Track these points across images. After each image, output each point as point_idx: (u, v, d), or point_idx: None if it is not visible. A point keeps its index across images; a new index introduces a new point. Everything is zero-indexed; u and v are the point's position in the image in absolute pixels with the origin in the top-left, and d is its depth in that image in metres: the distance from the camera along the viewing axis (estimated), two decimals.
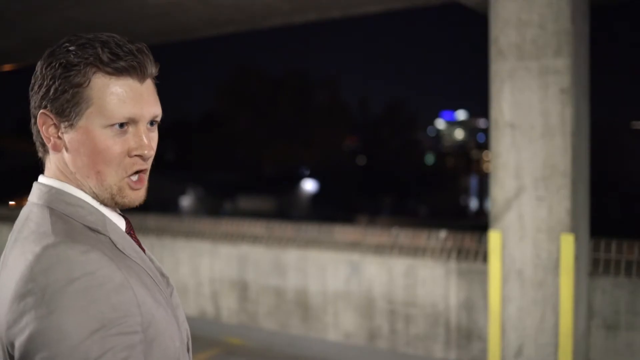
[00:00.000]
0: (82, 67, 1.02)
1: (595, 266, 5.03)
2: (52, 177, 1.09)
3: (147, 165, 1.10)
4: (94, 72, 1.02)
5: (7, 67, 10.84)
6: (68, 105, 1.03)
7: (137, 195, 1.10)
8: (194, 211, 33.69)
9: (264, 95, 50.87)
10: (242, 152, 48.27)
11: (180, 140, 46.49)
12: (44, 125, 1.06)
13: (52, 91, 1.03)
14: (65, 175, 1.08)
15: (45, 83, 1.04)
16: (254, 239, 6.97)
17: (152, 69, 1.08)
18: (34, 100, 1.06)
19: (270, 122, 50.16)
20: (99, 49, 1.02)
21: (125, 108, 1.03)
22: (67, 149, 1.06)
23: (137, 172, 1.08)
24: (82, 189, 1.07)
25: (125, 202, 1.08)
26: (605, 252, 5.07)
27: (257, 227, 7.15)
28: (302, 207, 40.49)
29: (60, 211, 1.04)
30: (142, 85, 1.06)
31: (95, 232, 1.03)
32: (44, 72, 1.04)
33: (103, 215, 1.07)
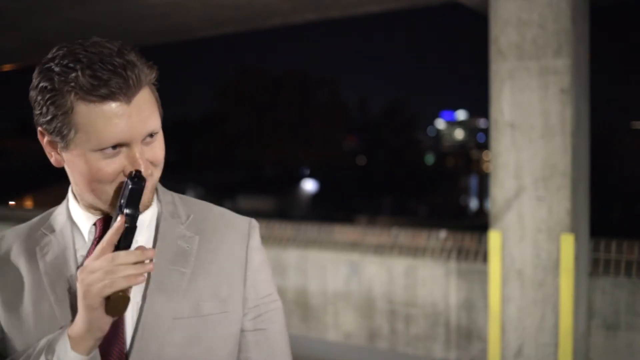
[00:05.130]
0: (64, 94, 0.98)
1: (595, 266, 5.03)
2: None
3: (148, 177, 1.06)
4: (77, 99, 0.98)
5: (7, 67, 10.84)
6: (59, 129, 1.01)
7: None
8: None
9: (264, 95, 50.90)
10: (242, 152, 48.30)
11: (180, 140, 46.51)
12: (43, 141, 1.07)
13: (43, 113, 1.02)
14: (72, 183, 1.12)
15: (37, 103, 1.02)
16: None
17: (145, 79, 1.02)
18: (34, 113, 1.05)
19: (270, 122, 50.19)
20: (79, 73, 0.96)
21: (111, 134, 0.99)
22: (66, 165, 1.08)
23: None
24: (78, 200, 1.12)
25: None
26: (605, 252, 5.07)
27: None
28: (302, 207, 40.48)
29: (49, 211, 1.18)
30: (130, 106, 1.00)
31: (42, 232, 1.16)
32: (35, 89, 1.02)
33: (66, 224, 1.14)
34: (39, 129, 1.05)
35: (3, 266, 1.14)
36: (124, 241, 1.00)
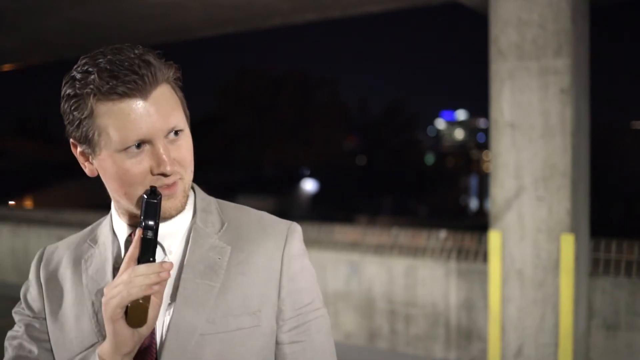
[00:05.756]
0: (84, 98, 1.00)
1: (595, 266, 5.03)
2: None
3: (175, 178, 1.05)
4: (96, 101, 1.00)
5: (7, 67, 10.84)
6: (85, 135, 1.03)
7: (172, 204, 1.07)
8: None
9: (264, 95, 50.90)
10: (242, 152, 48.29)
11: None
12: (76, 153, 1.08)
13: (70, 121, 1.04)
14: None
15: (65, 113, 1.04)
16: None
17: (162, 77, 1.03)
18: (65, 125, 1.06)
19: (270, 122, 50.19)
20: (96, 75, 0.99)
21: (131, 131, 1.00)
22: (100, 174, 1.08)
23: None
24: (118, 210, 1.13)
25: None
26: (605, 252, 5.07)
27: None
28: (302, 207, 40.47)
29: (98, 222, 1.21)
30: (148, 102, 1.01)
31: (88, 244, 1.17)
32: (63, 100, 1.04)
33: (108, 235, 1.15)
34: (71, 140, 1.07)
35: (52, 278, 1.16)
36: (145, 253, 1.00)
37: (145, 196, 1.01)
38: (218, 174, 41.31)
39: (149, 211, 1.01)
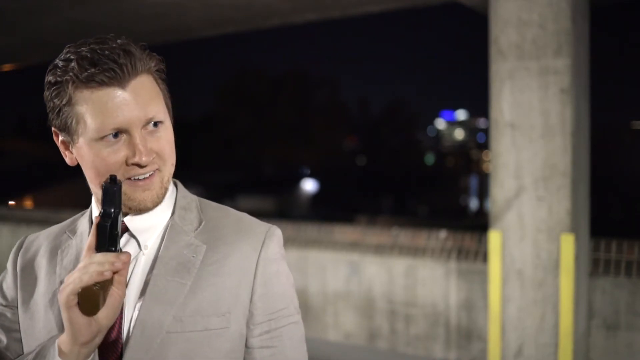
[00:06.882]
0: (64, 85, 1.01)
1: (595, 266, 5.03)
2: None
3: (151, 169, 1.05)
4: (75, 89, 1.00)
5: (7, 67, 10.84)
6: (65, 124, 1.03)
7: (147, 195, 1.06)
8: None
9: (264, 95, 50.91)
10: (242, 152, 48.30)
11: (180, 140, 46.32)
12: (58, 142, 1.09)
13: (51, 109, 1.04)
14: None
15: (47, 101, 1.05)
16: None
17: (142, 67, 1.03)
18: (47, 112, 1.07)
19: (270, 122, 50.20)
20: (75, 63, 0.99)
21: (108, 119, 1.00)
22: (79, 163, 1.07)
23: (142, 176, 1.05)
24: (95, 199, 1.12)
25: (134, 205, 1.06)
26: (605, 252, 5.07)
27: None
28: (302, 207, 40.47)
29: (81, 213, 1.19)
30: (126, 91, 1.00)
31: (67, 235, 1.16)
32: (45, 87, 1.04)
33: (86, 227, 1.14)
34: (53, 129, 1.07)
35: (28, 267, 1.15)
36: (102, 242, 0.98)
37: (104, 183, 1.00)
38: (218, 174, 41.32)
39: (107, 198, 0.99)
